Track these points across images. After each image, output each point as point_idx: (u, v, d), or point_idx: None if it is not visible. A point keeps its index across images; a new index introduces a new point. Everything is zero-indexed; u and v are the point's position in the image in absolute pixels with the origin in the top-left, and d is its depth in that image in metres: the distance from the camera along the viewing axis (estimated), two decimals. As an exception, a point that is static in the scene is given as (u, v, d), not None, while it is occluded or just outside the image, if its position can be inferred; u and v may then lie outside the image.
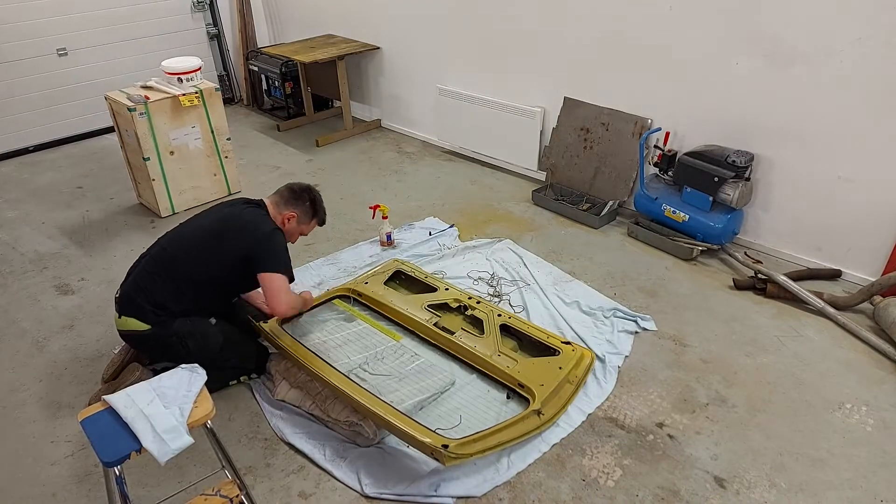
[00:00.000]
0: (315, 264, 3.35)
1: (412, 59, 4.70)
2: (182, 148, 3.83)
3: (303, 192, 2.59)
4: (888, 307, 2.70)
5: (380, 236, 3.48)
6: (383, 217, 3.49)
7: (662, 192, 3.41)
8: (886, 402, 2.40)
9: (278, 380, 2.50)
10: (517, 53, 4.00)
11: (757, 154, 3.16)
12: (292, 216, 2.55)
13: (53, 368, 2.71)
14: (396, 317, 2.75)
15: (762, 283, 3.01)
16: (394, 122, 5.17)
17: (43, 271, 3.40)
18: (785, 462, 2.17)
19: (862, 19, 2.69)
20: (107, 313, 3.04)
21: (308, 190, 2.62)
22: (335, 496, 2.10)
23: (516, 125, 4.10)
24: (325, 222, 2.71)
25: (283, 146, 4.92)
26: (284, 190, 2.59)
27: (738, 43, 3.06)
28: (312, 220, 2.64)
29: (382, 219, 3.49)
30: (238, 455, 2.22)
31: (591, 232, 3.61)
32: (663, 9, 3.24)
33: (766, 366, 2.60)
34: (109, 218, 3.94)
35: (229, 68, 5.84)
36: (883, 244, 2.95)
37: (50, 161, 4.80)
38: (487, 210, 3.88)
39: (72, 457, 2.28)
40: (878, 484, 2.09)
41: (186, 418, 1.69)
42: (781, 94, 3.01)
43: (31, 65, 4.75)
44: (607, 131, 3.70)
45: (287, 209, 2.55)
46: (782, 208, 3.22)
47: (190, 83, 3.78)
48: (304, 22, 5.49)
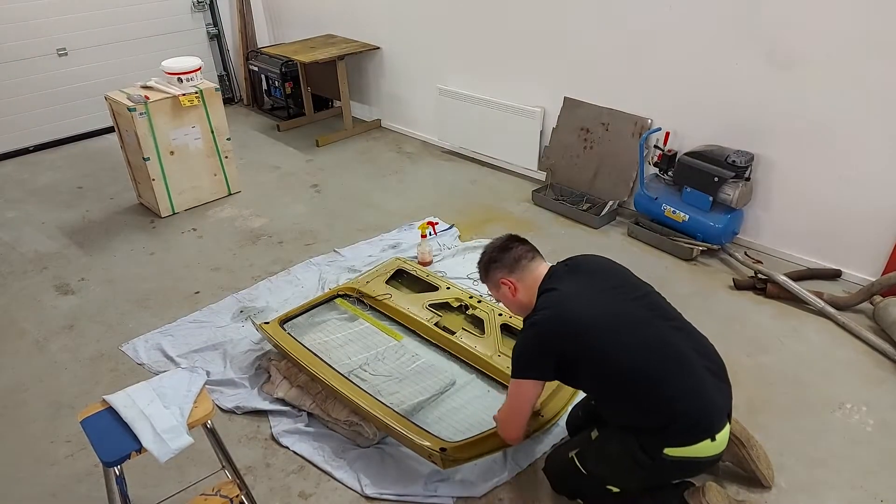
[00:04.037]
0: (315, 263, 3.35)
1: (412, 59, 4.70)
2: (182, 148, 3.83)
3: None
4: (888, 307, 2.70)
5: (420, 255, 3.28)
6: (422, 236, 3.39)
7: (662, 192, 3.41)
8: (886, 402, 2.40)
9: (278, 379, 2.50)
10: (517, 53, 4.00)
11: (757, 154, 3.16)
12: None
13: (53, 368, 2.71)
14: (397, 316, 2.75)
15: (762, 283, 3.01)
16: (394, 122, 5.17)
17: (43, 271, 3.40)
18: (785, 462, 2.17)
19: (862, 19, 2.69)
20: (107, 313, 3.05)
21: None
22: (335, 496, 2.10)
23: (516, 125, 4.10)
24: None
25: (283, 146, 4.92)
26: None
27: (738, 43, 3.06)
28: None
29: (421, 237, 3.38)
30: (238, 455, 2.22)
31: (591, 232, 3.61)
32: (663, 9, 3.24)
33: (766, 366, 2.60)
34: (109, 218, 3.94)
35: (229, 68, 5.84)
36: (883, 244, 2.95)
37: (50, 161, 4.80)
38: (487, 210, 3.88)
39: (72, 457, 2.28)
40: (879, 484, 2.09)
41: (186, 418, 1.69)
42: (781, 94, 3.01)
43: (31, 65, 4.75)
44: (607, 131, 3.70)
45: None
46: (782, 208, 3.22)
47: (190, 83, 3.78)
48: (304, 22, 5.49)
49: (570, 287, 1.81)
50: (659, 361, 1.69)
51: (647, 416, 1.70)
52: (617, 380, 1.72)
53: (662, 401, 1.67)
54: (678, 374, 1.69)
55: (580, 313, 1.74)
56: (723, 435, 1.70)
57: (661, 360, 1.69)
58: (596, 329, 1.72)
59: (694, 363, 1.73)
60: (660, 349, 1.71)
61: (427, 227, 3.47)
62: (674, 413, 1.66)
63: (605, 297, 1.80)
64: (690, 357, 1.73)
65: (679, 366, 1.71)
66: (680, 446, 1.66)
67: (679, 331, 1.80)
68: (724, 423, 1.71)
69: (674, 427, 1.66)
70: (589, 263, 1.96)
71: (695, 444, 1.66)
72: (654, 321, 1.78)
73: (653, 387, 1.68)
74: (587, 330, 1.72)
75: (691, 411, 1.67)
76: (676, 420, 1.66)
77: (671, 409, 1.66)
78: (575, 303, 1.77)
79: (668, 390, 1.67)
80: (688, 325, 1.85)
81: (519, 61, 4.02)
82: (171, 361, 2.69)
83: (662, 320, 1.79)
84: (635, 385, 1.70)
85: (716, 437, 1.67)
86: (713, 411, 1.69)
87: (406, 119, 5.04)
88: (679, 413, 1.66)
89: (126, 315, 3.03)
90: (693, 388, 1.69)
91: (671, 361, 1.70)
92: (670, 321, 1.81)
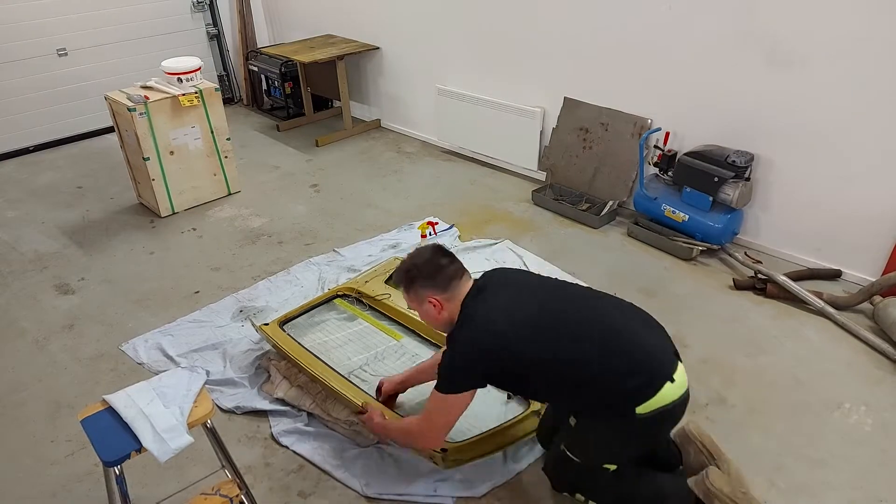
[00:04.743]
0: (315, 263, 3.35)
1: (412, 59, 4.70)
2: (182, 148, 3.83)
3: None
4: (888, 307, 2.70)
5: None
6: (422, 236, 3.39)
7: (662, 192, 3.41)
8: (886, 402, 2.41)
9: (278, 379, 2.50)
10: (517, 53, 4.00)
11: (757, 154, 3.16)
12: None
13: (53, 368, 2.71)
14: (397, 315, 2.75)
15: (762, 283, 3.01)
16: (393, 122, 5.17)
17: (43, 271, 3.40)
18: (784, 462, 2.17)
19: (862, 19, 2.69)
20: (107, 313, 3.05)
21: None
22: (335, 496, 2.10)
23: (516, 125, 4.10)
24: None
25: (282, 146, 4.92)
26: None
27: (738, 43, 3.06)
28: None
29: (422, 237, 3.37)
30: (238, 455, 2.22)
31: (590, 232, 3.61)
32: (662, 9, 3.25)
33: (765, 366, 2.60)
34: (109, 218, 3.94)
35: (229, 68, 5.84)
36: (883, 244, 2.95)
37: (50, 161, 4.80)
38: (487, 210, 3.88)
39: (72, 457, 2.28)
40: (878, 484, 2.09)
41: (186, 418, 1.69)
42: (781, 94, 3.01)
43: (31, 65, 4.75)
44: (607, 131, 3.70)
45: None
46: (782, 208, 3.22)
47: (190, 83, 3.78)
48: (303, 22, 5.49)
49: (492, 301, 1.82)
50: (590, 342, 1.74)
51: (603, 393, 1.75)
52: (558, 377, 1.77)
53: (609, 374, 1.72)
54: (613, 341, 1.75)
55: (504, 328, 1.76)
56: (679, 373, 1.75)
57: (592, 339, 1.75)
58: (522, 340, 1.75)
59: (623, 324, 1.81)
60: (588, 328, 1.77)
61: (427, 227, 3.47)
62: (624, 377, 1.71)
63: (526, 302, 1.83)
64: (617, 320, 1.81)
65: (611, 333, 1.77)
66: (646, 400, 1.70)
67: (599, 300, 1.91)
68: (675, 362, 1.77)
69: (632, 388, 1.71)
70: (507, 274, 1.99)
71: (658, 392, 1.70)
72: (575, 305, 1.85)
73: (594, 367, 1.73)
74: (513, 343, 1.75)
75: (640, 368, 1.72)
76: (630, 381, 1.71)
77: (621, 377, 1.71)
78: (498, 316, 1.78)
79: (610, 362, 1.72)
80: (604, 294, 1.97)
81: (519, 61, 4.02)
82: (171, 361, 2.69)
83: (581, 300, 1.88)
84: (578, 373, 1.74)
85: (673, 377, 1.73)
86: (657, 355, 1.77)
87: (406, 119, 5.04)
88: (629, 374, 1.71)
89: (126, 315, 3.03)
90: (631, 346, 1.76)
91: (602, 334, 1.77)
92: (589, 298, 1.91)
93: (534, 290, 1.89)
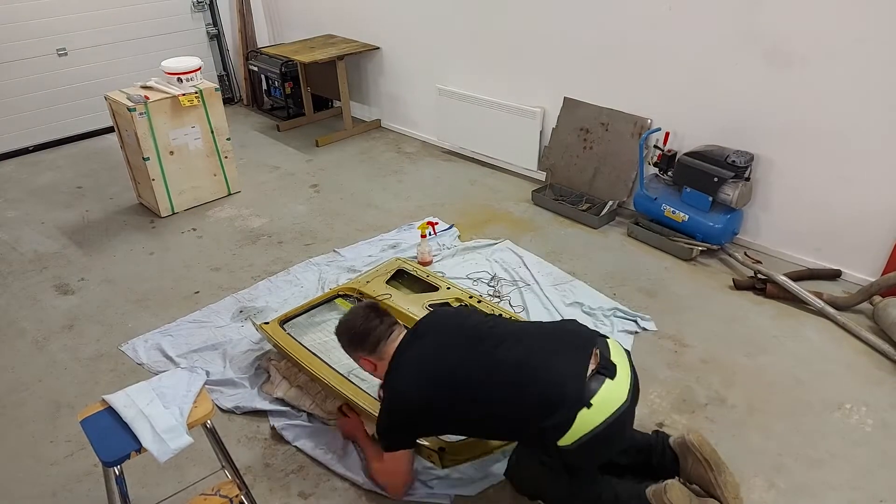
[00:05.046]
0: (315, 263, 3.35)
1: (412, 59, 4.70)
2: (182, 148, 3.83)
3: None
4: (888, 307, 2.70)
5: (420, 255, 3.27)
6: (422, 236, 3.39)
7: (662, 192, 3.41)
8: (886, 402, 2.41)
9: (278, 379, 2.50)
10: (517, 53, 4.00)
11: (757, 154, 3.16)
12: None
13: (53, 368, 2.71)
14: (398, 316, 2.74)
15: (762, 284, 3.01)
16: (394, 122, 5.17)
17: (43, 271, 3.40)
18: (784, 462, 2.17)
19: (862, 19, 2.69)
20: (106, 313, 3.05)
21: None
22: (335, 496, 2.10)
23: (516, 125, 4.10)
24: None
25: (282, 146, 4.92)
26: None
27: (737, 43, 3.06)
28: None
29: (421, 237, 3.37)
30: (238, 455, 2.22)
31: (590, 232, 3.61)
32: (662, 9, 3.24)
33: (765, 366, 2.60)
34: (109, 218, 3.94)
35: (229, 68, 5.84)
36: (883, 244, 2.95)
37: (50, 161, 4.80)
38: (487, 210, 3.88)
39: (72, 457, 2.28)
40: (878, 484, 2.09)
41: (186, 418, 1.69)
42: (781, 94, 3.01)
43: (31, 65, 4.75)
44: (607, 131, 3.70)
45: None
46: (782, 208, 3.22)
47: (190, 83, 3.78)
48: (303, 22, 5.49)
49: (412, 361, 1.87)
50: (500, 388, 1.75)
51: (523, 433, 1.78)
52: (478, 425, 1.84)
53: (522, 416, 1.73)
54: (520, 383, 1.74)
55: (415, 393, 1.82)
56: (599, 398, 1.69)
57: (502, 384, 1.75)
58: (433, 404, 1.80)
59: (531, 360, 1.78)
60: (497, 375, 1.77)
61: (427, 227, 3.47)
62: (538, 417, 1.70)
63: (441, 359, 1.85)
64: (528, 356, 1.79)
65: (519, 375, 1.75)
66: (564, 432, 1.68)
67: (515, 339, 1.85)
68: (591, 388, 1.70)
69: (547, 425, 1.69)
70: (430, 323, 2.00)
71: (575, 423, 1.67)
72: (485, 349, 1.83)
73: (507, 414, 1.75)
74: (423, 409, 1.82)
75: (549, 403, 1.70)
76: (544, 419, 1.69)
77: (534, 417, 1.71)
78: (410, 383, 1.83)
79: (520, 405, 1.73)
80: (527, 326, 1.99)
81: (519, 61, 4.02)
82: (171, 361, 2.69)
83: (495, 342, 1.84)
84: (493, 422, 1.79)
85: (591, 402, 1.68)
86: (565, 384, 1.71)
87: (406, 119, 5.04)
88: (541, 413, 1.70)
89: (126, 315, 3.03)
90: (538, 383, 1.73)
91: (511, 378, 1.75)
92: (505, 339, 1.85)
93: (452, 342, 1.89)
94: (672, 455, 1.99)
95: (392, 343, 1.94)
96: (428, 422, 1.86)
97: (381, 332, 1.95)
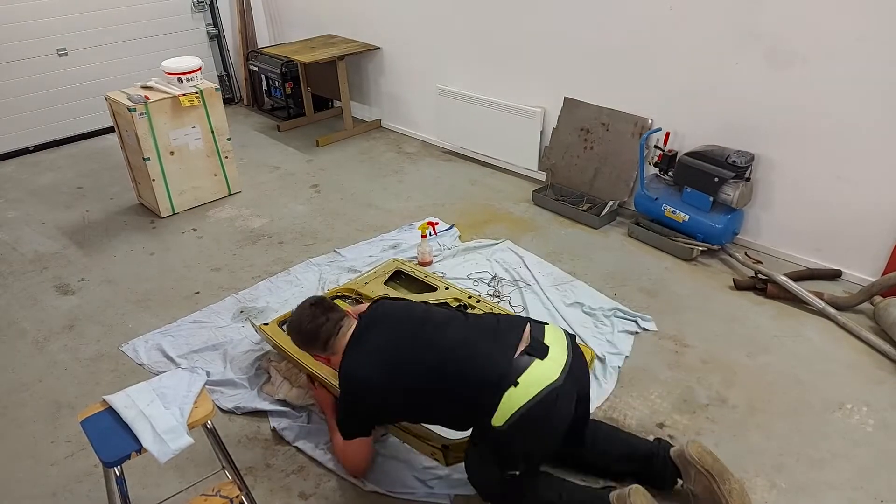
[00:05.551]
0: (316, 263, 3.35)
1: (412, 59, 4.70)
2: (182, 148, 3.83)
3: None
4: (888, 307, 2.70)
5: (420, 255, 3.28)
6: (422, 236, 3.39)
7: (662, 192, 3.40)
8: (887, 402, 2.40)
9: (278, 380, 2.50)
10: (517, 53, 4.00)
11: (757, 154, 3.16)
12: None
13: (53, 368, 2.71)
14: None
15: (762, 284, 3.01)
16: (394, 122, 5.17)
17: (43, 271, 3.40)
18: (785, 462, 2.17)
19: (862, 19, 2.69)
20: (107, 314, 3.05)
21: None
22: (335, 496, 2.10)
23: (516, 125, 4.10)
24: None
25: (283, 146, 4.92)
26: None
27: (738, 43, 3.06)
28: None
29: (422, 237, 3.37)
30: (238, 455, 2.22)
31: (591, 232, 3.61)
32: (663, 9, 3.24)
33: (766, 366, 2.60)
34: (109, 218, 3.94)
35: (229, 68, 5.84)
36: (883, 244, 2.95)
37: (50, 161, 4.80)
38: (487, 210, 3.88)
39: (72, 457, 2.28)
40: (879, 484, 2.09)
41: (186, 419, 1.69)
42: (781, 94, 3.01)
43: (31, 65, 4.75)
44: (607, 131, 3.70)
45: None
46: (782, 208, 3.22)
47: (190, 83, 3.78)
48: (304, 22, 5.49)
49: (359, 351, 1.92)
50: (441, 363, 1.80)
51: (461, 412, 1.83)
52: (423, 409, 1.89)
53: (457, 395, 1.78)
54: (452, 363, 1.79)
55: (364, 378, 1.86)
56: (527, 376, 1.72)
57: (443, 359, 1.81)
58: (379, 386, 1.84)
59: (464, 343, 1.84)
60: (430, 353, 1.83)
61: (427, 228, 3.47)
62: (472, 395, 1.75)
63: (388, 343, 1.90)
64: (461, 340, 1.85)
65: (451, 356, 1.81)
66: (493, 412, 1.71)
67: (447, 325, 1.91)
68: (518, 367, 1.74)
69: (479, 403, 1.73)
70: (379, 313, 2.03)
71: (503, 401, 1.70)
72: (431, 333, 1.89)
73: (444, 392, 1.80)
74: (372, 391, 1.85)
75: (478, 380, 1.75)
76: (474, 395, 1.74)
77: (468, 396, 1.76)
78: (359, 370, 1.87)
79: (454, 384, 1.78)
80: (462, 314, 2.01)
81: (519, 61, 4.02)
82: (171, 362, 2.69)
83: (439, 326, 1.91)
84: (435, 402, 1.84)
85: (517, 381, 1.71)
86: (493, 365, 1.75)
87: (406, 119, 5.04)
88: (473, 391, 1.75)
89: (126, 315, 3.03)
90: (468, 364, 1.78)
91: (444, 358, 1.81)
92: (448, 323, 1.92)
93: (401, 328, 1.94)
94: (673, 466, 1.97)
95: (342, 337, 1.96)
96: (384, 408, 1.90)
97: (329, 328, 1.97)
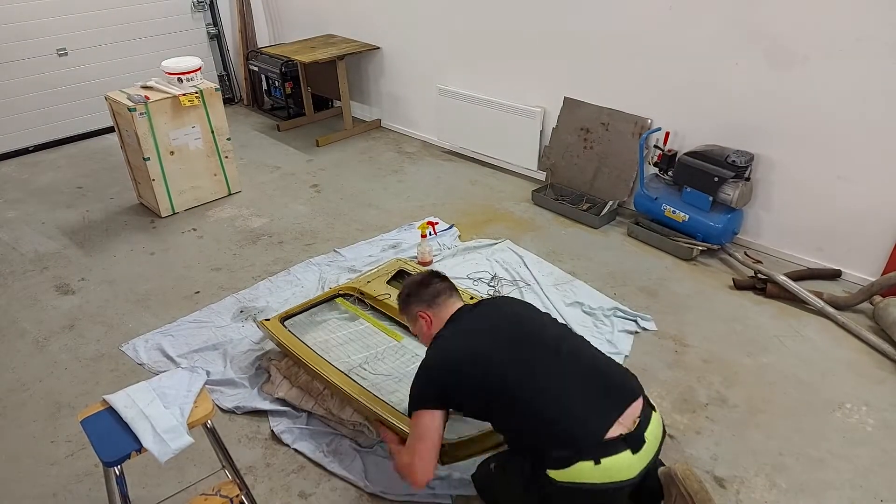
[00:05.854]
0: (316, 263, 3.35)
1: (412, 59, 4.70)
2: (182, 148, 3.83)
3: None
4: (888, 307, 2.70)
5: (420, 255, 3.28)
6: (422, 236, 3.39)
7: (662, 191, 3.41)
8: (886, 401, 2.40)
9: (278, 379, 2.50)
10: (517, 53, 4.00)
11: (757, 154, 3.16)
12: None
13: (53, 368, 2.71)
14: (399, 316, 2.75)
15: (762, 283, 3.01)
16: (394, 122, 5.17)
17: (43, 271, 3.40)
18: (785, 462, 2.17)
19: (862, 19, 2.69)
20: (107, 313, 3.05)
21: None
22: (335, 496, 2.10)
23: (516, 125, 4.10)
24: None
25: (283, 146, 4.92)
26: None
27: (738, 43, 3.06)
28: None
29: (422, 237, 3.38)
30: (238, 455, 2.22)
31: (591, 232, 3.61)
32: (663, 9, 3.24)
33: (766, 366, 2.60)
34: (109, 218, 3.94)
35: (229, 68, 5.84)
36: (883, 244, 2.95)
37: (50, 161, 4.80)
38: (487, 210, 3.88)
39: (72, 457, 2.28)
40: (879, 484, 2.09)
41: (187, 418, 1.69)
42: (781, 94, 3.01)
43: (31, 65, 4.75)
44: (607, 131, 3.70)
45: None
46: (782, 208, 3.22)
47: (190, 83, 3.78)
48: (304, 22, 5.49)
49: (464, 325, 1.91)
50: (530, 382, 1.73)
51: (524, 433, 1.74)
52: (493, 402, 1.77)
53: (532, 425, 1.70)
54: (548, 392, 1.71)
55: (455, 356, 1.83)
56: (611, 461, 1.62)
57: (533, 381, 1.73)
58: (469, 369, 1.79)
59: (569, 385, 1.74)
60: (532, 371, 1.75)
61: (427, 227, 3.47)
62: (544, 430, 1.68)
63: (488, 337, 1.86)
64: (565, 379, 1.75)
65: (550, 383, 1.73)
66: (558, 468, 1.64)
67: (568, 355, 1.82)
68: (609, 448, 1.64)
69: (548, 447, 1.66)
70: (495, 303, 2.02)
71: (571, 467, 1.62)
72: (537, 347, 1.82)
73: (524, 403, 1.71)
74: (458, 372, 1.80)
75: (562, 430, 1.66)
76: (548, 439, 1.67)
77: (542, 427, 1.68)
78: (459, 340, 1.87)
79: (537, 407, 1.70)
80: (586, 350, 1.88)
81: (519, 61, 4.02)
82: (171, 361, 2.69)
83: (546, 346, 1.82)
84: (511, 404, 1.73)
85: (600, 460, 1.62)
86: (583, 432, 1.66)
87: (406, 119, 5.04)
88: (549, 431, 1.67)
89: (126, 315, 3.03)
90: (562, 407, 1.69)
91: (543, 380, 1.73)
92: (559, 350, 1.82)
93: (502, 325, 1.89)
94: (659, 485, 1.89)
95: (449, 306, 1.98)
96: (458, 388, 1.81)
97: (442, 288, 2.00)
